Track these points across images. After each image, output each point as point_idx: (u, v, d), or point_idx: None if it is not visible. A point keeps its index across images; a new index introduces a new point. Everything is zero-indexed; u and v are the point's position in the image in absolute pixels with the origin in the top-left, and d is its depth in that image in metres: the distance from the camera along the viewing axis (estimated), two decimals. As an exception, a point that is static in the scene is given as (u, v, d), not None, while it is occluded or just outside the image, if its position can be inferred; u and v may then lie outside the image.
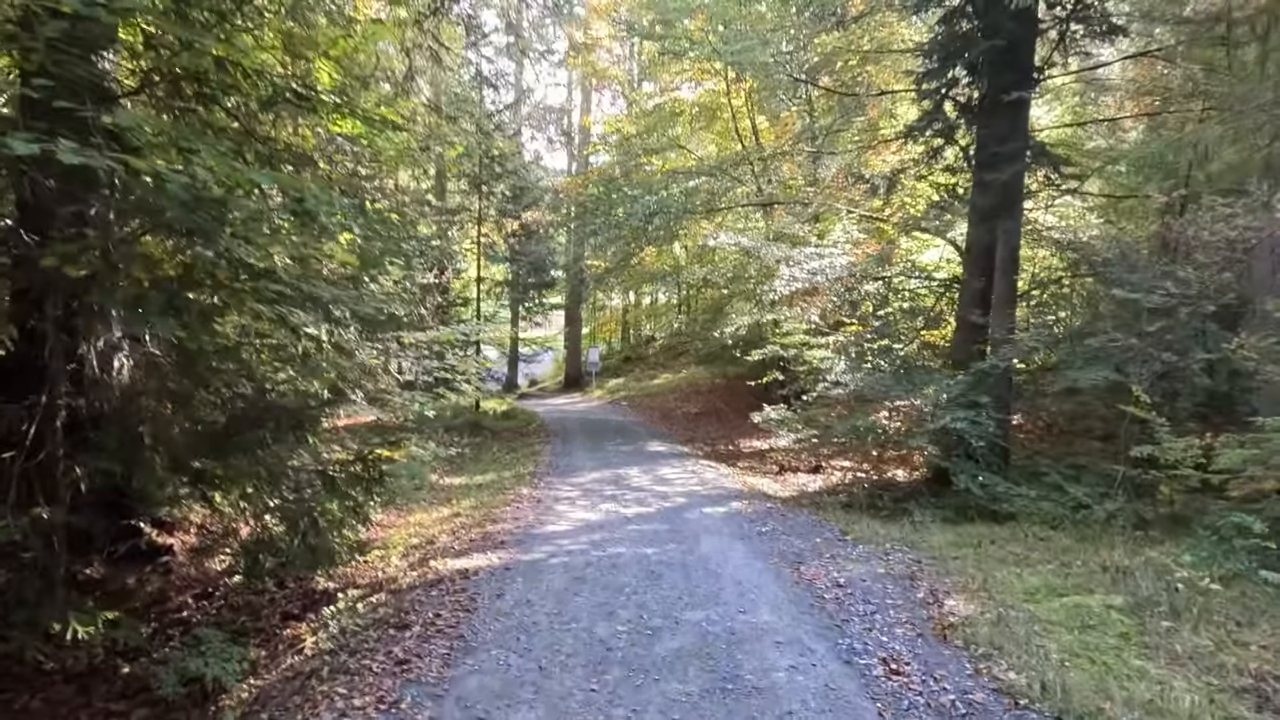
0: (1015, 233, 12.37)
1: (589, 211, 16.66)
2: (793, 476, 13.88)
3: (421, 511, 9.61)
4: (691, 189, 14.20)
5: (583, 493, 10.99)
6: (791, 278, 12.54)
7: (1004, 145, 11.94)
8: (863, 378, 11.49)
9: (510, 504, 9.91)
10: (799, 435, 11.78)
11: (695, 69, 20.67)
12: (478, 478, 12.08)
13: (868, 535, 8.96)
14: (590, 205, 17.43)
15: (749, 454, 16.08)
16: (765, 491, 11.98)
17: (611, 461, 13.83)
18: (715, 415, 20.78)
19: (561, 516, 9.36)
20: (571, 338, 29.61)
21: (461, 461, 13.62)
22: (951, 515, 10.35)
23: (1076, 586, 7.07)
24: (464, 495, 10.62)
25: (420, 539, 8.34)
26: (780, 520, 9.65)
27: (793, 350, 14.83)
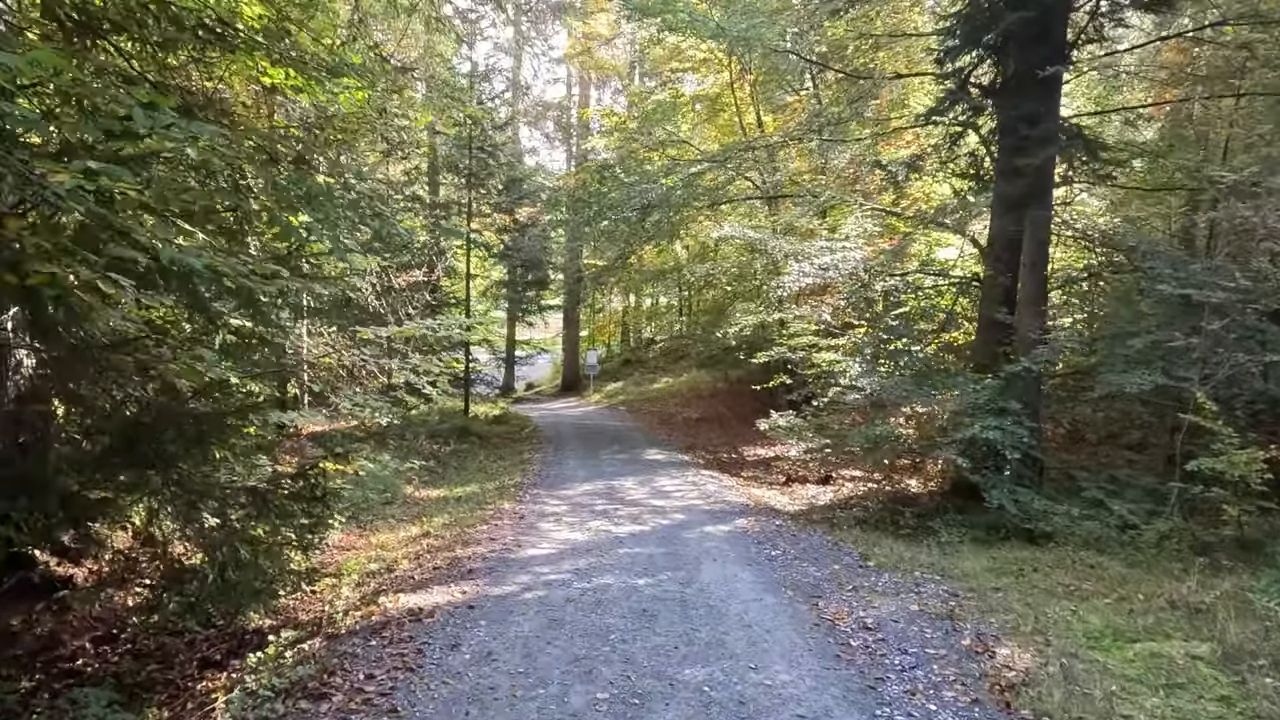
0: (1045, 223, 11.21)
1: (582, 202, 15.51)
2: (801, 488, 12.70)
3: (388, 530, 8.44)
4: (692, 176, 13.05)
5: (571, 508, 9.80)
6: (801, 273, 11.36)
7: (1034, 128, 10.77)
8: (879, 381, 10.30)
9: (488, 522, 8.73)
10: (810, 445, 10.59)
11: (697, 61, 19.54)
12: (458, 490, 10.90)
13: (892, 560, 7.76)
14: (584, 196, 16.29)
15: (753, 462, 14.90)
16: (772, 506, 10.79)
17: (605, 471, 12.64)
18: (717, 421, 19.60)
19: (544, 537, 8.17)
20: (569, 340, 28.44)
21: (443, 471, 12.44)
22: (982, 535, 9.18)
23: (1148, 630, 5.87)
24: (439, 510, 9.44)
25: (380, 564, 7.16)
26: (791, 541, 8.46)
27: (801, 352, 13.65)
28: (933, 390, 10.48)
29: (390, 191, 18.68)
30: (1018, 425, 9.36)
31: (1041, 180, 10.93)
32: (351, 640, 5.12)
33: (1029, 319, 11.00)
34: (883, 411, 10.55)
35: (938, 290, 12.38)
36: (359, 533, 8.34)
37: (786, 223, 12.65)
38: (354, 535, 8.25)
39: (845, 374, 11.14)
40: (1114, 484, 9.71)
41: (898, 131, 14.10)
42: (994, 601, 6.52)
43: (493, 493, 10.64)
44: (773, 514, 10.09)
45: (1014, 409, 9.62)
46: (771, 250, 12.11)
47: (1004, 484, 9.24)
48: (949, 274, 13.71)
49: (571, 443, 15.97)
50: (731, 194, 16.01)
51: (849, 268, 11.57)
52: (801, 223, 12.66)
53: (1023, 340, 11.08)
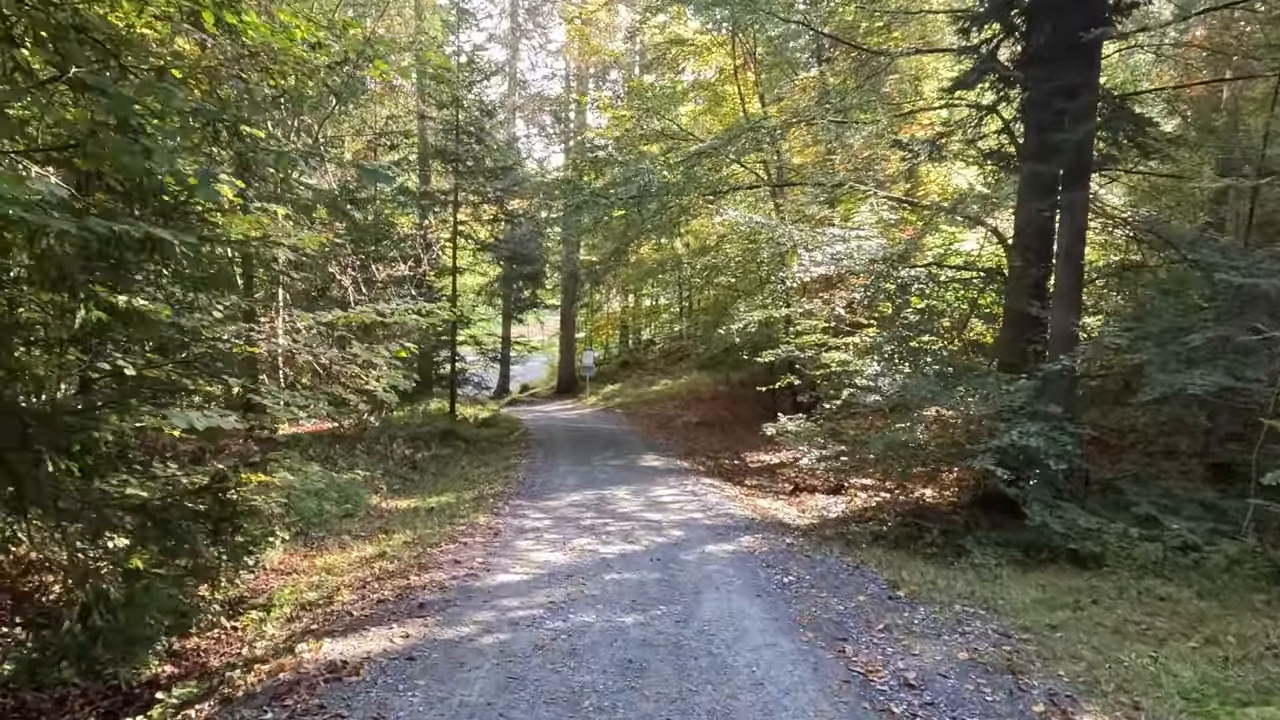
0: (1083, 208, 10.01)
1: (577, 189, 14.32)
2: (810, 498, 11.48)
3: (339, 549, 7.20)
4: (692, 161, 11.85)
5: (555, 522, 8.57)
6: (812, 262, 10.14)
7: (1072, 100, 9.58)
8: (901, 381, 9.08)
9: (457, 539, 7.50)
10: (824, 452, 9.35)
11: (699, 45, 18.35)
12: (432, 499, 9.67)
13: (924, 589, 6.53)
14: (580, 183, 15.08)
15: (757, 470, 13.67)
16: (780, 519, 9.57)
17: (597, 479, 11.41)
18: (718, 425, 18.37)
19: (519, 559, 6.94)
20: (565, 341, 27.19)
21: (419, 478, 11.21)
22: (1019, 556, 7.98)
23: (1261, 688, 4.63)
24: (405, 525, 8.21)
25: (319, 593, 5.93)
26: (805, 563, 7.24)
27: (809, 351, 12.43)
28: (959, 392, 9.25)
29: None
30: (1059, 431, 8.16)
31: (1079, 160, 9.73)
32: (247, 707, 3.88)
33: (1064, 314, 9.83)
34: (905, 415, 9.32)
35: (961, 283, 11.14)
36: (305, 551, 7.11)
37: (796, 209, 11.44)
38: (299, 554, 7.02)
39: (861, 374, 9.92)
40: (1167, 498, 8.48)
41: (914, 115, 12.89)
42: (1057, 646, 5.29)
43: (469, 504, 9.41)
44: (781, 529, 8.86)
45: (1053, 413, 8.43)
46: (779, 237, 10.89)
47: (1045, 498, 8.03)
48: (973, 266, 12.48)
49: (563, 448, 14.74)
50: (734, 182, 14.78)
51: (865, 257, 10.34)
52: (811, 210, 11.45)
53: (1057, 337, 9.91)
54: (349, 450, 11.41)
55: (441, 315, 5.68)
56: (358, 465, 10.87)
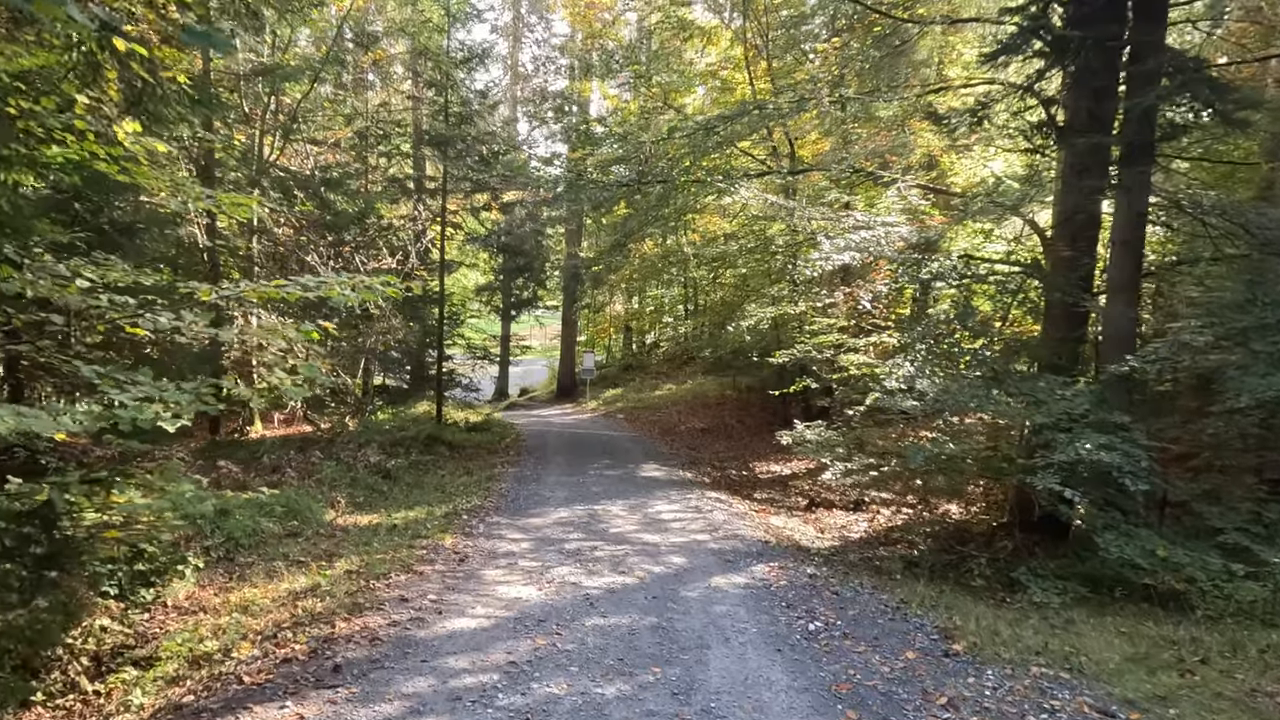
0: (1143, 188, 8.63)
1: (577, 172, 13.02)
2: (827, 515, 10.13)
3: (265, 580, 5.82)
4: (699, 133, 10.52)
5: (535, 545, 7.20)
6: (833, 249, 8.77)
7: (1137, 63, 8.28)
8: (943, 385, 7.70)
9: (412, 568, 6.14)
10: (850, 465, 7.95)
11: (708, 27, 17.01)
12: (397, 515, 8.30)
13: (986, 641, 5.15)
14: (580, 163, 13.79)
15: (767, 482, 12.29)
16: (797, 541, 8.20)
17: (590, 492, 10.04)
18: (725, 432, 17.00)
19: (483, 596, 5.57)
20: (566, 343, 25.80)
21: (390, 489, 9.85)
22: (1085, 592, 6.65)
23: None
24: (357, 547, 6.84)
25: (220, 643, 4.56)
26: (834, 603, 5.86)
27: (827, 352, 11.06)
28: (1006, 397, 7.85)
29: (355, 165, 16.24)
30: (1133, 444, 6.78)
31: (1142, 133, 8.37)
32: None
33: (1119, 309, 8.50)
34: (947, 423, 7.94)
35: (999, 277, 9.73)
36: (224, 582, 5.74)
37: (815, 192, 10.08)
38: (216, 585, 5.65)
39: (890, 375, 8.53)
40: (1261, 525, 7.06)
41: (942, 93, 11.50)
42: (1182, 732, 3.90)
43: (438, 521, 8.04)
44: (800, 555, 7.49)
45: (1121, 422, 7.06)
46: (797, 220, 9.52)
47: (1118, 523, 6.64)
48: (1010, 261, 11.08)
49: (556, 455, 13.37)
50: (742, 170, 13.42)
51: (895, 241, 8.98)
52: (832, 195, 10.08)
53: (1113, 336, 8.58)
54: (305, 458, 10.06)
55: (384, 291, 4.30)
56: (321, 473, 9.52)
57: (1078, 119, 8.82)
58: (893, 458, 8.05)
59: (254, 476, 8.65)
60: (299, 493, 8.02)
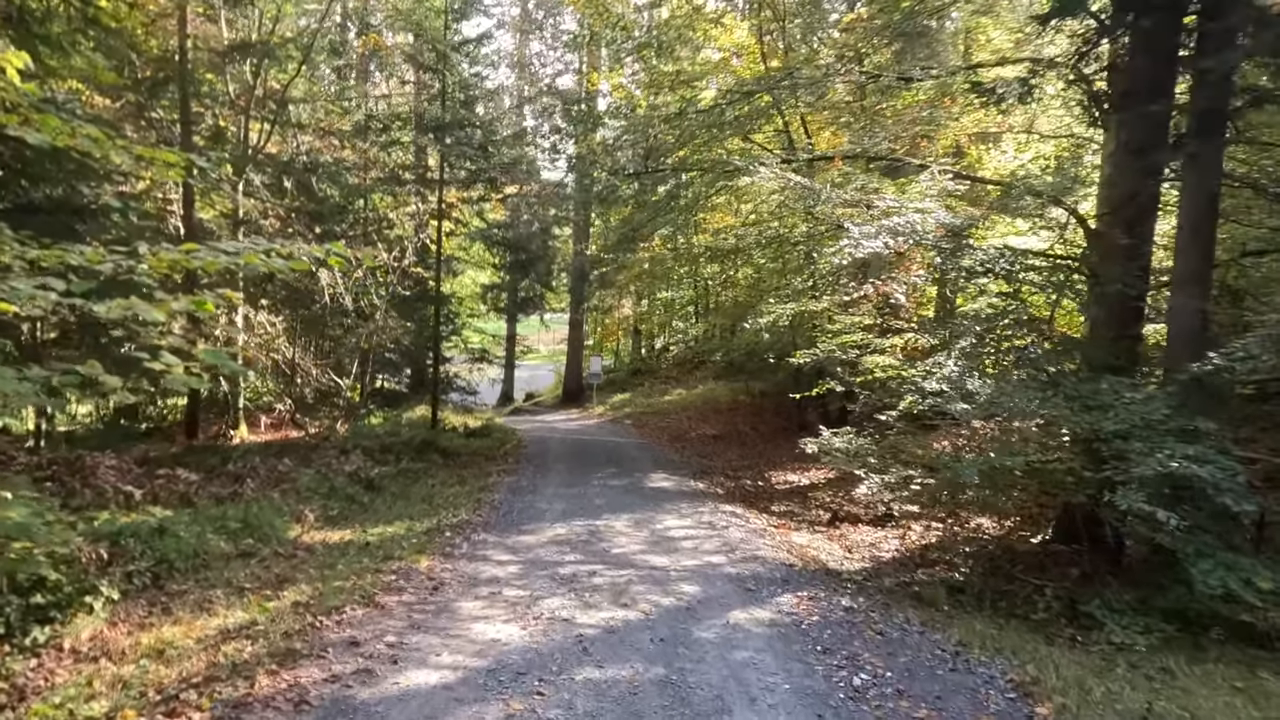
0: (1216, 166, 7.58)
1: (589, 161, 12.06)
2: (853, 531, 9.08)
3: (194, 613, 4.79)
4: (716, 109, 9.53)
5: (524, 568, 6.16)
6: (863, 236, 7.70)
7: (1217, 19, 7.25)
8: (995, 387, 6.63)
9: (374, 600, 5.11)
10: (885, 478, 6.87)
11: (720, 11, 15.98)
12: (373, 531, 7.28)
13: (1075, 699, 4.11)
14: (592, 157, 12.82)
15: (784, 493, 11.22)
16: (824, 563, 7.15)
17: (592, 505, 9.00)
18: (737, 439, 15.94)
19: (453, 637, 4.53)
20: (572, 346, 24.75)
21: (370, 500, 8.82)
22: (1171, 631, 5.55)
23: None
24: (317, 571, 5.82)
25: (107, 706, 3.54)
26: (879, 646, 4.80)
27: (851, 352, 10.00)
28: (1066, 402, 6.75)
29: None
30: (1225, 456, 5.71)
31: (1215, 101, 7.33)
32: None
33: (1188, 302, 7.42)
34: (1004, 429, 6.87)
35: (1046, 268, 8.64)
36: (143, 616, 4.71)
37: (839, 182, 9.02)
38: (132, 621, 4.63)
39: (929, 376, 7.46)
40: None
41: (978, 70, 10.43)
42: None
43: (418, 538, 7.01)
44: (830, 581, 6.43)
45: (1210, 430, 6.00)
46: (822, 204, 8.47)
47: (1214, 550, 5.55)
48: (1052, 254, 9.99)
49: (557, 464, 12.33)
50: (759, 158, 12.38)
51: (933, 226, 7.92)
52: (859, 179, 9.01)
53: (1181, 332, 7.52)
54: (281, 466, 9.05)
55: (325, 260, 3.29)
56: (296, 482, 8.51)
57: (1137, 82, 7.76)
58: (930, 469, 6.98)
59: (213, 487, 7.65)
60: (261, 506, 7.01)
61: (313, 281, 12.26)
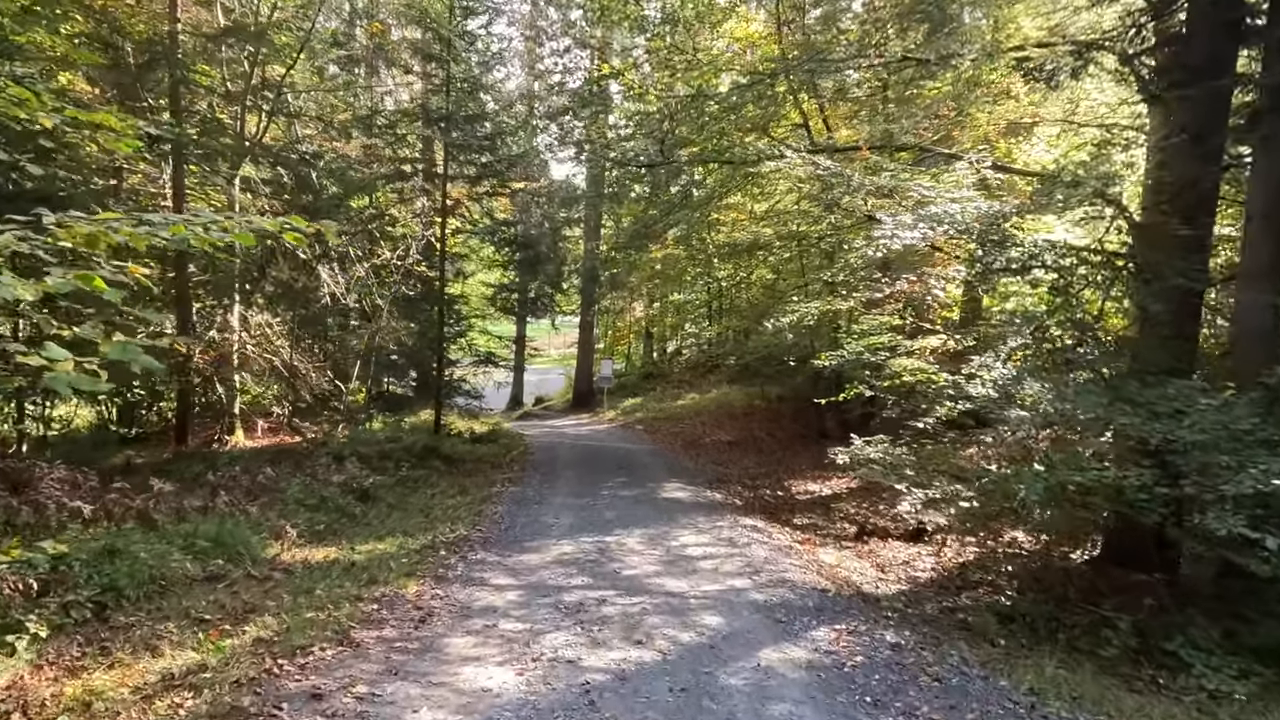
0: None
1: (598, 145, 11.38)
2: (882, 546, 8.35)
3: (137, 655, 4.08)
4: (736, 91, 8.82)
5: (525, 594, 5.43)
6: (899, 226, 6.95)
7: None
8: (1059, 392, 5.85)
9: (348, 636, 4.40)
10: (929, 493, 6.10)
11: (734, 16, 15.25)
12: (361, 548, 6.56)
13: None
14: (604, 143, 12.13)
15: (806, 503, 10.47)
16: (859, 586, 6.41)
17: (601, 518, 8.26)
18: (754, 446, 15.17)
19: (433, 689, 3.82)
20: (583, 349, 24.02)
21: (364, 512, 8.11)
22: (1270, 675, 4.75)
23: None
24: (291, 598, 5.11)
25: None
26: (938, 699, 4.06)
27: (881, 354, 9.22)
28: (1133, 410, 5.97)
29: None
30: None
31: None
32: None
33: (1257, 298, 6.65)
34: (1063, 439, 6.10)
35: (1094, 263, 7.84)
36: (78, 656, 4.01)
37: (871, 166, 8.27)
38: (65, 663, 3.93)
39: (972, 380, 6.70)
40: None
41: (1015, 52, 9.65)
42: None
43: (410, 557, 6.29)
44: (868, 609, 5.67)
45: (1299, 442, 5.21)
46: (855, 193, 7.72)
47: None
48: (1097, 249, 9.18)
49: (566, 471, 11.60)
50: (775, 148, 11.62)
51: (974, 219, 7.14)
52: (892, 168, 8.25)
53: (1250, 330, 6.76)
54: (271, 474, 8.36)
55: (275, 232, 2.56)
56: (284, 492, 7.82)
57: (1195, 54, 6.99)
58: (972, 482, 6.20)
59: (191, 499, 6.95)
60: (237, 521, 6.31)
61: (310, 277, 11.61)
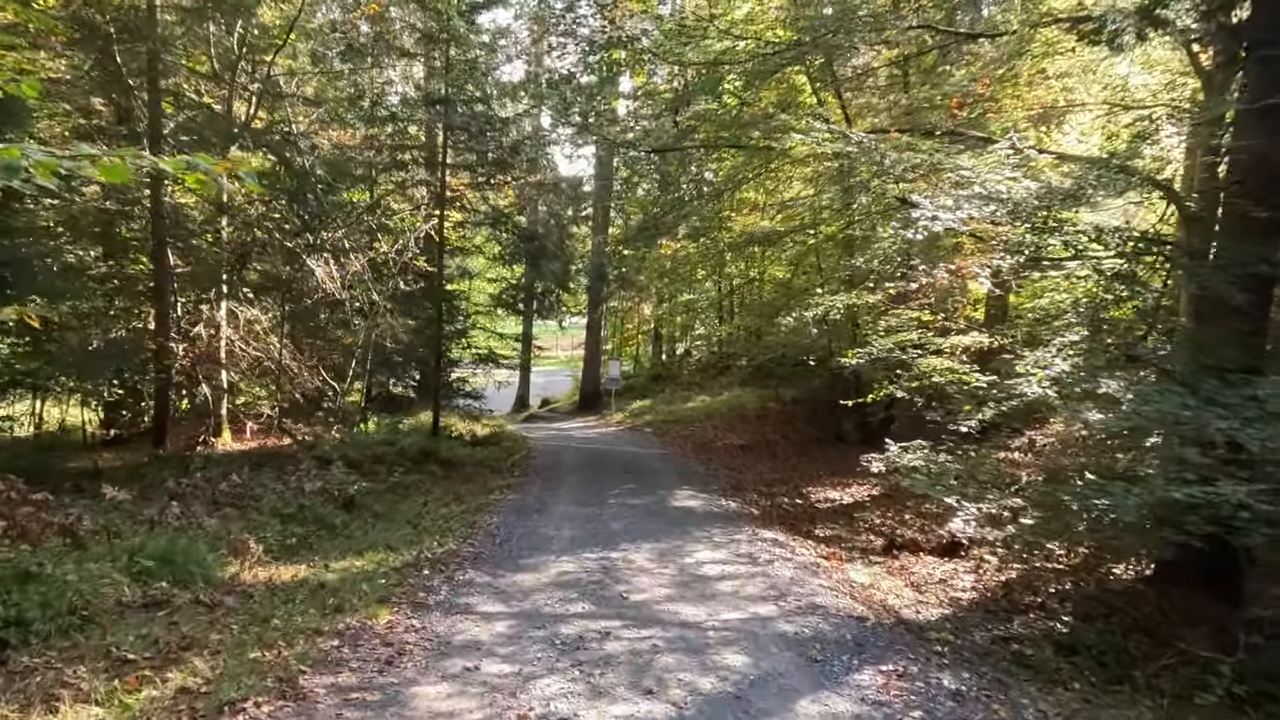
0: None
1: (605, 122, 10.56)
2: (914, 561, 7.51)
3: (26, 708, 3.27)
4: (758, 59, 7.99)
5: (515, 626, 4.59)
6: (940, 209, 6.09)
7: None
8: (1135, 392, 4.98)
9: (294, 684, 3.59)
10: (985, 506, 5.24)
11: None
12: (335, 566, 5.75)
13: None
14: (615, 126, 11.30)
15: (827, 512, 9.62)
16: (898, 611, 5.57)
17: (607, 530, 7.43)
18: (768, 450, 14.31)
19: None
20: (590, 349, 23.20)
21: (347, 522, 7.30)
22: None
23: None
24: (239, 630, 4.29)
25: None
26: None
27: (912, 352, 8.35)
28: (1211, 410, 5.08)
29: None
30: None
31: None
32: None
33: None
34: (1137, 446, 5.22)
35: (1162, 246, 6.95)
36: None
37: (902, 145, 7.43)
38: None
39: (1026, 378, 5.83)
40: None
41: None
42: None
43: (387, 577, 5.47)
44: (916, 644, 4.82)
45: None
46: (885, 173, 6.87)
47: None
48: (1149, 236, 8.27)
49: (570, 476, 10.77)
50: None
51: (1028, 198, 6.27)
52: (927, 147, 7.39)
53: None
54: (246, 481, 7.55)
55: (151, 170, 1.74)
56: (260, 500, 7.02)
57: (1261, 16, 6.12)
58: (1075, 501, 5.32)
59: (149, 510, 6.15)
60: (193, 535, 5.50)
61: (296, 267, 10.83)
